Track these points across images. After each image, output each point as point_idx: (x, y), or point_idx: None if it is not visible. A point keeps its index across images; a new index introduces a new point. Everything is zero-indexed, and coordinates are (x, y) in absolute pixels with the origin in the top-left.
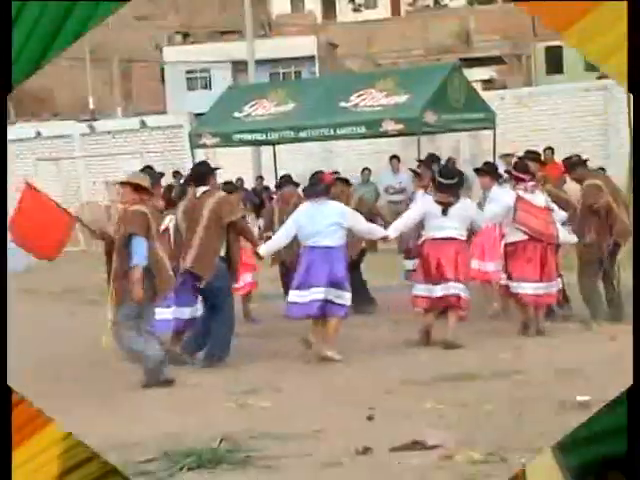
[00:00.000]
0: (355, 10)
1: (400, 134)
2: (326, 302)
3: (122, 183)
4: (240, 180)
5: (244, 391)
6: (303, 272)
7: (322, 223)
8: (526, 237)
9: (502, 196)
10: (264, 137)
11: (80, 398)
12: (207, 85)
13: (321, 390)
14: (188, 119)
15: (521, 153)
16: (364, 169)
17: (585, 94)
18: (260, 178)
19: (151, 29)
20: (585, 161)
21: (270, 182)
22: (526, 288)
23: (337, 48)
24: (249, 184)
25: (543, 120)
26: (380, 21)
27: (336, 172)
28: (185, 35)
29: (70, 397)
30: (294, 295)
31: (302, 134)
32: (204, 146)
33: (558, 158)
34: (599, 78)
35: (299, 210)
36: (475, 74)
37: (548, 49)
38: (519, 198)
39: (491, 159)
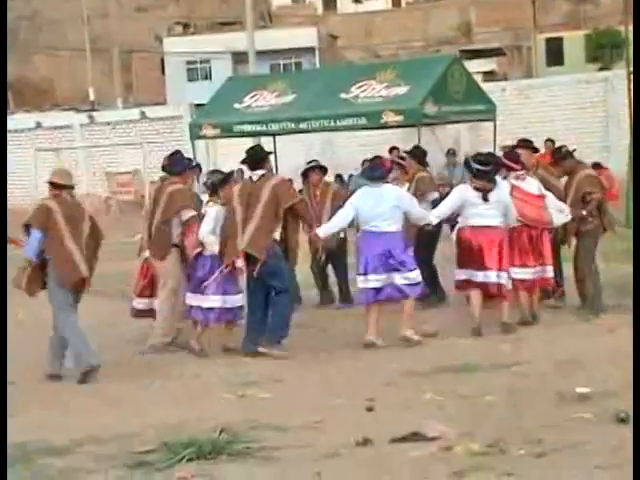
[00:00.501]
0: (355, 1)
1: (400, 125)
2: (393, 285)
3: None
4: (241, 171)
5: (244, 382)
6: (367, 257)
7: (382, 207)
8: (520, 223)
9: (503, 187)
10: (264, 128)
11: (77, 387)
12: (207, 76)
13: (321, 381)
14: (188, 110)
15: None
16: (364, 160)
17: (586, 86)
18: None
19: (151, 20)
20: (572, 152)
21: None
22: (519, 274)
23: (337, 39)
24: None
25: (543, 112)
26: (380, 12)
27: (314, 160)
28: (185, 26)
29: (66, 387)
30: (362, 281)
31: (302, 125)
32: (204, 137)
33: None
34: (600, 70)
35: (358, 194)
36: (476, 65)
37: (549, 40)
38: (514, 187)
39: (492, 150)
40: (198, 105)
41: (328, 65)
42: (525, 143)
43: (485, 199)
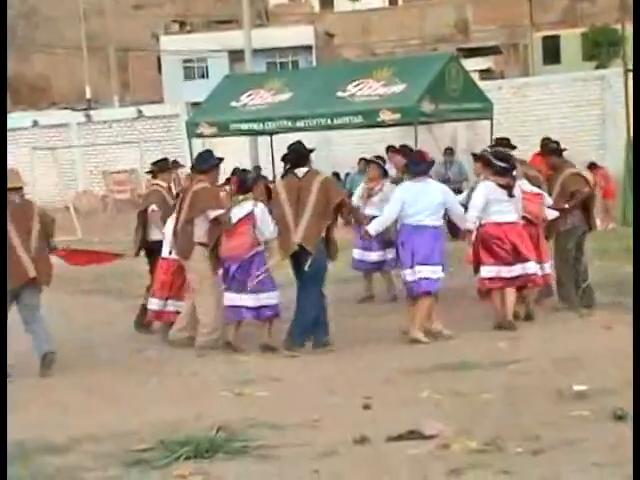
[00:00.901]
0: None
1: (397, 124)
2: (423, 279)
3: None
4: (237, 170)
5: (242, 380)
6: (412, 250)
7: (428, 202)
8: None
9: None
10: (261, 127)
11: (74, 386)
12: (204, 74)
13: (318, 380)
14: (185, 108)
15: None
16: (361, 159)
17: (582, 84)
18: (257, 168)
19: (148, 18)
20: (561, 149)
21: (267, 171)
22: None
23: (334, 37)
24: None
25: (540, 110)
26: (377, 10)
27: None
28: (182, 24)
29: (64, 384)
30: (410, 274)
31: (299, 124)
32: (201, 135)
33: None
34: (596, 68)
35: (403, 188)
36: (473, 64)
37: (545, 39)
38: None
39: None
40: (195, 103)
41: (325, 63)
42: (504, 141)
43: (511, 195)
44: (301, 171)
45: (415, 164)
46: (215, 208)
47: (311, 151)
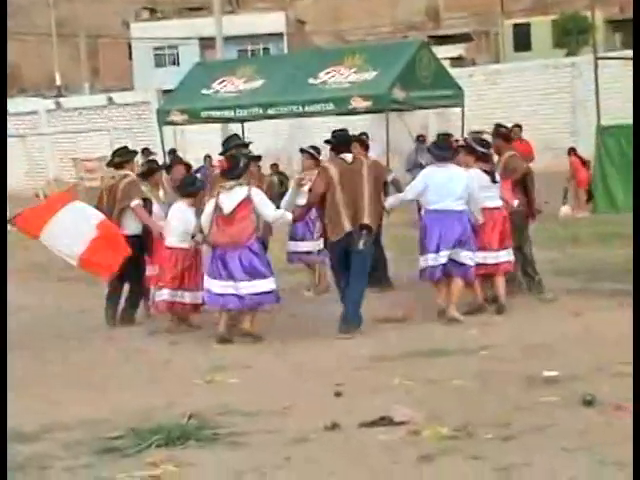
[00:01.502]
0: None
1: (368, 111)
2: (455, 262)
3: None
4: (209, 157)
5: (213, 368)
6: (438, 235)
7: (454, 187)
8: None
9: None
10: (232, 114)
11: (46, 373)
12: (175, 61)
13: (290, 367)
14: (156, 96)
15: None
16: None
17: (553, 71)
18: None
19: (118, 4)
20: (510, 136)
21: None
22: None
23: (305, 24)
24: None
25: (511, 97)
26: None
27: (249, 143)
28: (152, 11)
29: (35, 372)
30: (432, 259)
31: (271, 111)
32: (172, 123)
33: (526, 135)
34: (567, 55)
35: (429, 172)
36: (444, 51)
37: (516, 26)
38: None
39: (460, 136)
40: (166, 91)
41: (296, 50)
42: (479, 134)
43: (494, 181)
44: (348, 156)
45: (440, 149)
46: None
47: (355, 137)
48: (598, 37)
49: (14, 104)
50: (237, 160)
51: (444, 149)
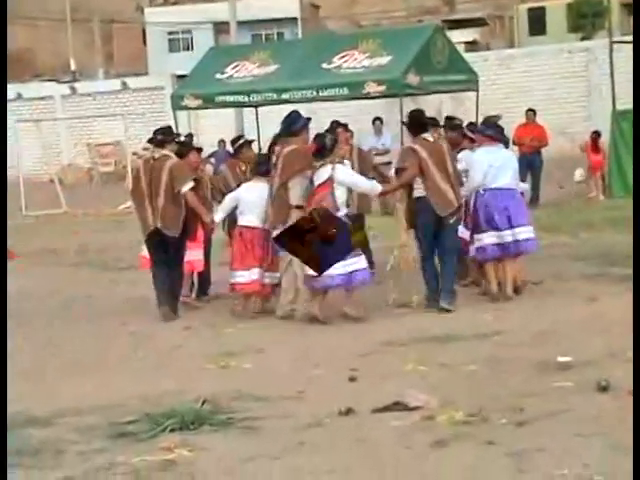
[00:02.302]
0: None
1: (382, 96)
2: (515, 241)
3: None
4: (223, 142)
5: (226, 353)
6: (491, 214)
7: (507, 166)
8: None
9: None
10: (246, 99)
11: (57, 359)
12: (189, 46)
13: (303, 352)
14: (170, 81)
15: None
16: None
17: (568, 55)
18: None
19: None
20: (460, 125)
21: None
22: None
23: (319, 9)
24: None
25: (525, 81)
26: None
27: (242, 136)
28: None
29: (46, 357)
30: (488, 237)
31: (284, 96)
32: (186, 108)
33: (540, 119)
34: (582, 40)
35: (482, 153)
36: (458, 36)
37: (531, 10)
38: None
39: (474, 120)
40: (180, 76)
41: (310, 35)
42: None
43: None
44: (429, 136)
45: (497, 131)
46: (308, 168)
47: (431, 119)
48: (613, 20)
49: (28, 89)
50: (324, 140)
51: (499, 132)
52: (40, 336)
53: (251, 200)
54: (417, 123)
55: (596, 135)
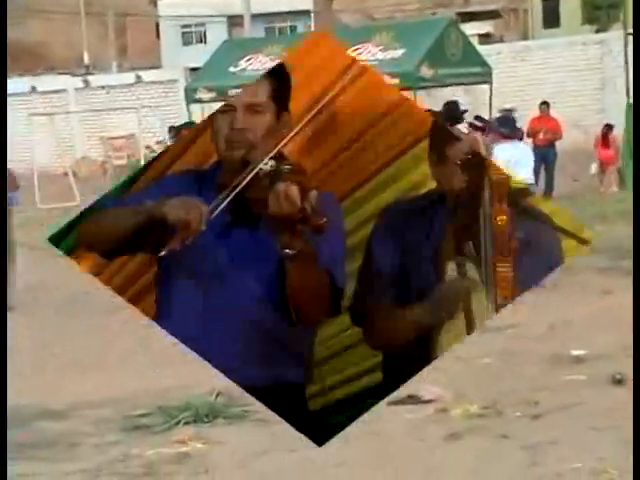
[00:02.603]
0: None
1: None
2: None
3: None
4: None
5: None
6: None
7: (523, 163)
8: None
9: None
10: None
11: (69, 352)
12: (202, 39)
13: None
14: (183, 74)
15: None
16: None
17: (582, 48)
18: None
19: None
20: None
21: None
22: None
23: (333, 2)
24: None
25: (540, 74)
26: None
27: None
28: None
29: (58, 351)
30: None
31: None
32: (200, 101)
33: (554, 112)
34: (596, 32)
35: (499, 150)
36: (472, 28)
37: (545, 2)
38: None
39: (487, 113)
40: (193, 69)
41: (323, 28)
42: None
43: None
44: (463, 128)
45: (504, 125)
46: None
47: (464, 112)
48: (628, 13)
49: (42, 82)
50: None
51: (517, 127)
52: (49, 329)
53: None
54: (453, 115)
55: (607, 129)
